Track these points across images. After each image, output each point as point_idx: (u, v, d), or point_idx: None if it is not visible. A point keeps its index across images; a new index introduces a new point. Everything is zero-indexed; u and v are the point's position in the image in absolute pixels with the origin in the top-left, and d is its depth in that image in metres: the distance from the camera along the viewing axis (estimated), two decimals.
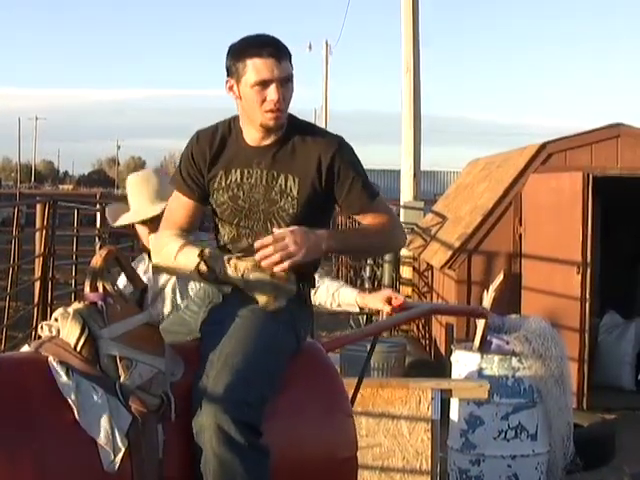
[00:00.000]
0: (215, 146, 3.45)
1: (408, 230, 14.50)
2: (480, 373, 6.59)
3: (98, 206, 16.20)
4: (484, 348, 6.71)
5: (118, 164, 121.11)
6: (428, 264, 12.30)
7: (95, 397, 2.92)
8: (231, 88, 3.38)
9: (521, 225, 9.98)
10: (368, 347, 8.91)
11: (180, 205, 3.57)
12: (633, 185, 10.02)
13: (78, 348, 2.95)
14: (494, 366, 6.56)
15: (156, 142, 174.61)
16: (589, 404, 9.05)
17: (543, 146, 10.07)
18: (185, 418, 3.07)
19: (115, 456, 2.90)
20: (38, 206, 11.65)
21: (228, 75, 3.38)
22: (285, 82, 3.32)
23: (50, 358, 2.96)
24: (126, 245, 17.41)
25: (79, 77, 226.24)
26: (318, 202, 3.41)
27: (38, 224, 11.50)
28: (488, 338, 6.72)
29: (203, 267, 3.33)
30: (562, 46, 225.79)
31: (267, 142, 3.41)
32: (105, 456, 2.89)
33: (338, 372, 3.65)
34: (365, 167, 3.54)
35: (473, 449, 6.59)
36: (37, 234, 11.63)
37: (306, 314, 3.53)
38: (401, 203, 15.53)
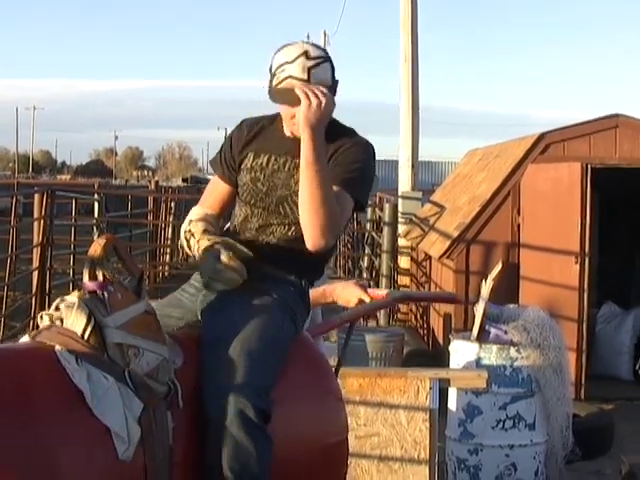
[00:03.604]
0: (253, 131, 3.60)
1: (406, 220, 14.52)
2: (478, 363, 6.59)
3: (96, 196, 16.21)
4: (482, 338, 6.71)
5: (116, 154, 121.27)
6: (426, 254, 12.31)
7: (106, 385, 2.89)
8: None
9: (519, 215, 9.97)
10: (366, 337, 8.92)
11: (214, 187, 3.74)
12: (631, 176, 10.02)
13: (85, 337, 2.92)
14: (492, 356, 6.56)
15: (154, 132, 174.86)
16: (587, 394, 9.06)
17: (541, 136, 10.06)
18: (190, 405, 3.08)
19: (130, 445, 2.87)
20: (36, 196, 11.67)
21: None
22: None
23: (57, 347, 2.91)
24: (124, 235, 17.46)
25: (77, 67, 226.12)
26: None
27: (36, 214, 11.52)
28: (486, 328, 6.72)
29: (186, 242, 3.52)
30: (561, 37, 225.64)
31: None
32: (120, 445, 2.85)
33: (325, 357, 3.71)
34: None
35: (471, 439, 6.60)
36: (35, 224, 11.65)
37: (304, 308, 3.59)
38: (399, 193, 15.51)
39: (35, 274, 11.40)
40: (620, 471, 6.75)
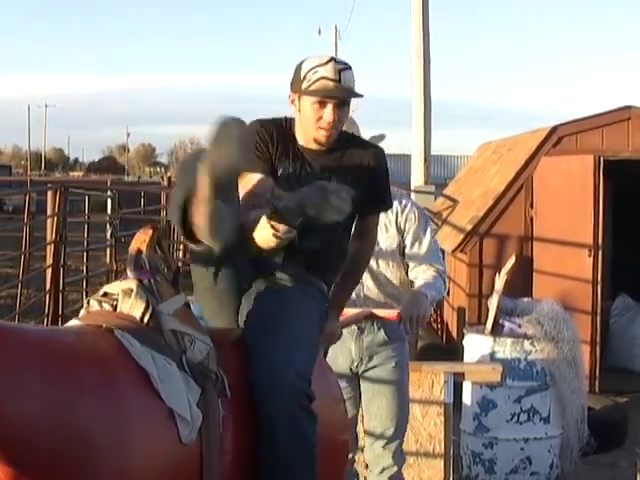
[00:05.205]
0: (274, 135, 3.63)
1: None
2: (492, 356, 6.59)
3: (109, 192, 16.23)
4: (496, 331, 6.72)
5: (128, 151, 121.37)
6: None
7: (170, 369, 2.90)
8: (293, 102, 3.59)
9: (532, 208, 9.96)
10: None
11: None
12: None
13: (144, 321, 2.93)
14: (506, 349, 6.56)
15: (166, 129, 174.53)
16: (601, 387, 9.05)
17: (554, 129, 10.04)
18: (236, 394, 3.13)
19: (193, 428, 2.89)
20: (49, 193, 11.66)
21: (292, 90, 3.58)
22: (342, 105, 3.55)
23: (117, 331, 2.88)
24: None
25: (88, 64, 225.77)
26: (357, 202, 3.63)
27: (49, 211, 11.51)
28: (500, 321, 6.73)
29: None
30: (573, 30, 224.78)
31: (319, 147, 3.61)
32: (184, 428, 2.86)
33: (325, 359, 3.80)
34: None
35: (486, 432, 6.60)
36: (48, 221, 11.64)
37: (325, 312, 3.73)
38: (412, 187, 15.50)
39: (49, 271, 11.38)
40: (635, 464, 6.75)
